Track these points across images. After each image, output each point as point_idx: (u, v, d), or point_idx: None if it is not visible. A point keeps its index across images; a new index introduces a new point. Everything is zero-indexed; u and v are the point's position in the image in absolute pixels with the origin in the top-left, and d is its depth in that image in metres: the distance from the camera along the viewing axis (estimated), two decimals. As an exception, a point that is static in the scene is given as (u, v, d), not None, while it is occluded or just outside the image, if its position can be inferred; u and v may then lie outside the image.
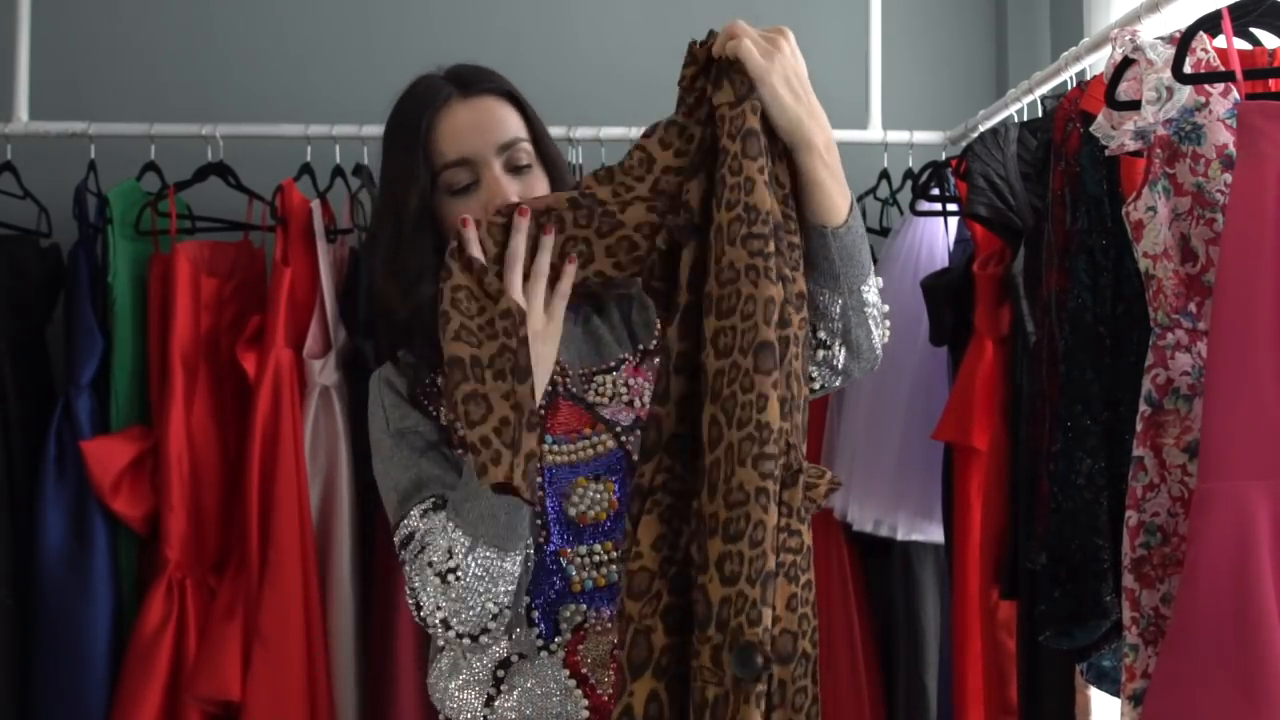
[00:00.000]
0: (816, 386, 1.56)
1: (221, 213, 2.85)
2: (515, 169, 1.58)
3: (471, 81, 1.60)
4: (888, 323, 1.60)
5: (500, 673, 1.55)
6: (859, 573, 2.90)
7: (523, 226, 1.45)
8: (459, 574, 1.45)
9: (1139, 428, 1.59)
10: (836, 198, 1.45)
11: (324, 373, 2.65)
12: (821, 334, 1.52)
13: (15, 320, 2.66)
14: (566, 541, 1.56)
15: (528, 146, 1.60)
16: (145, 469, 2.62)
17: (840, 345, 1.53)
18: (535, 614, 1.55)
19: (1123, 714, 1.59)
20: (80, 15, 3.12)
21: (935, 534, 2.71)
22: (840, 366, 1.55)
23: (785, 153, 1.42)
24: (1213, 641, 1.38)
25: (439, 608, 1.46)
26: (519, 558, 1.48)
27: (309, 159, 2.81)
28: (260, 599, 2.55)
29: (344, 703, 2.63)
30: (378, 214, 1.66)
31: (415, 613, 1.50)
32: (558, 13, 3.21)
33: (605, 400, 1.62)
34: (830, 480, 1.42)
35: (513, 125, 1.60)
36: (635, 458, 1.55)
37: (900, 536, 2.76)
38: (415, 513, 1.53)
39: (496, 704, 1.55)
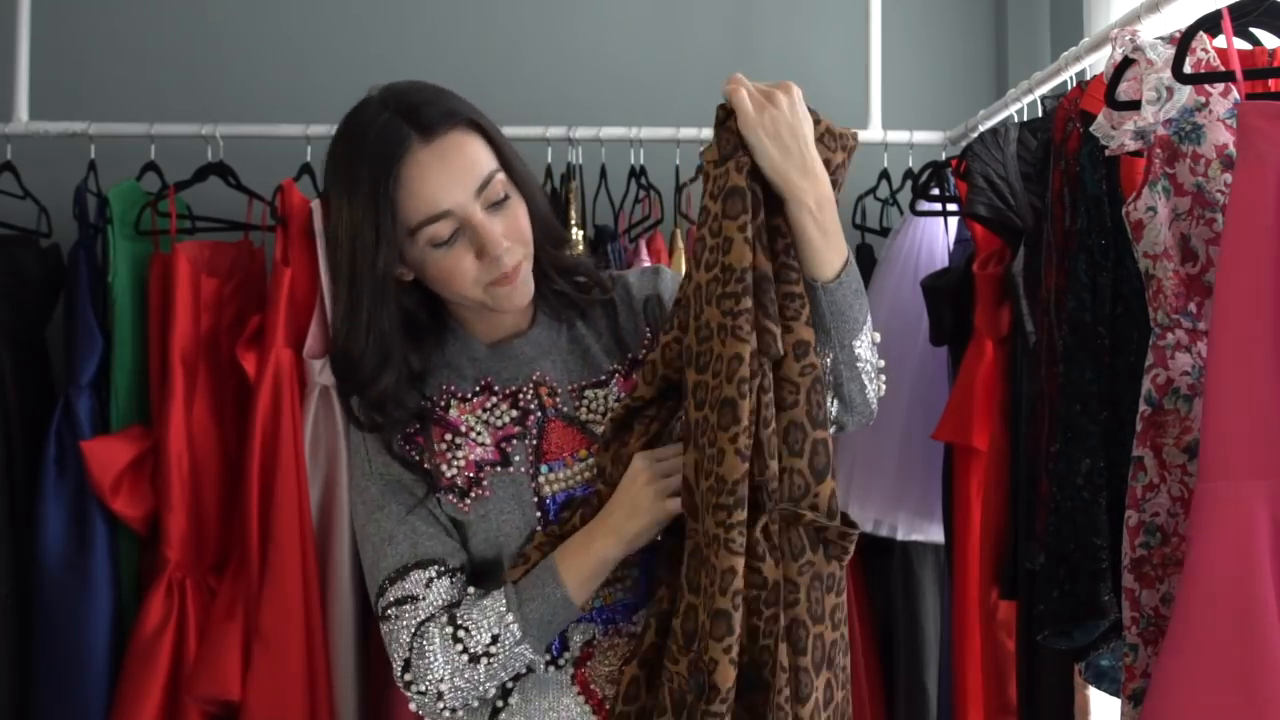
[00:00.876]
0: None
1: (221, 213, 2.85)
2: (494, 205, 1.51)
3: (430, 120, 1.49)
4: (883, 377, 1.61)
5: (509, 684, 1.55)
6: (859, 573, 2.90)
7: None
8: (492, 660, 1.48)
9: (1139, 428, 1.59)
10: (828, 253, 1.45)
11: (324, 373, 2.64)
12: None
13: (15, 320, 2.66)
14: None
15: (502, 177, 1.52)
16: (145, 469, 2.62)
17: (832, 398, 1.54)
18: None
19: (1123, 714, 1.59)
20: (80, 15, 3.12)
21: (935, 534, 2.71)
22: (832, 418, 1.55)
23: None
24: (1213, 641, 1.38)
25: (442, 680, 1.48)
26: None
27: (309, 159, 2.81)
28: (260, 599, 2.55)
29: (344, 703, 2.63)
30: (333, 261, 1.54)
31: (402, 673, 1.50)
32: (558, 13, 3.21)
33: (598, 417, 1.60)
34: (840, 524, 1.42)
35: (483, 160, 1.51)
36: None
37: (900, 536, 2.76)
38: (418, 578, 1.52)
39: (501, 718, 1.56)
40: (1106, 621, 1.71)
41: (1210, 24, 1.58)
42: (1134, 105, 1.61)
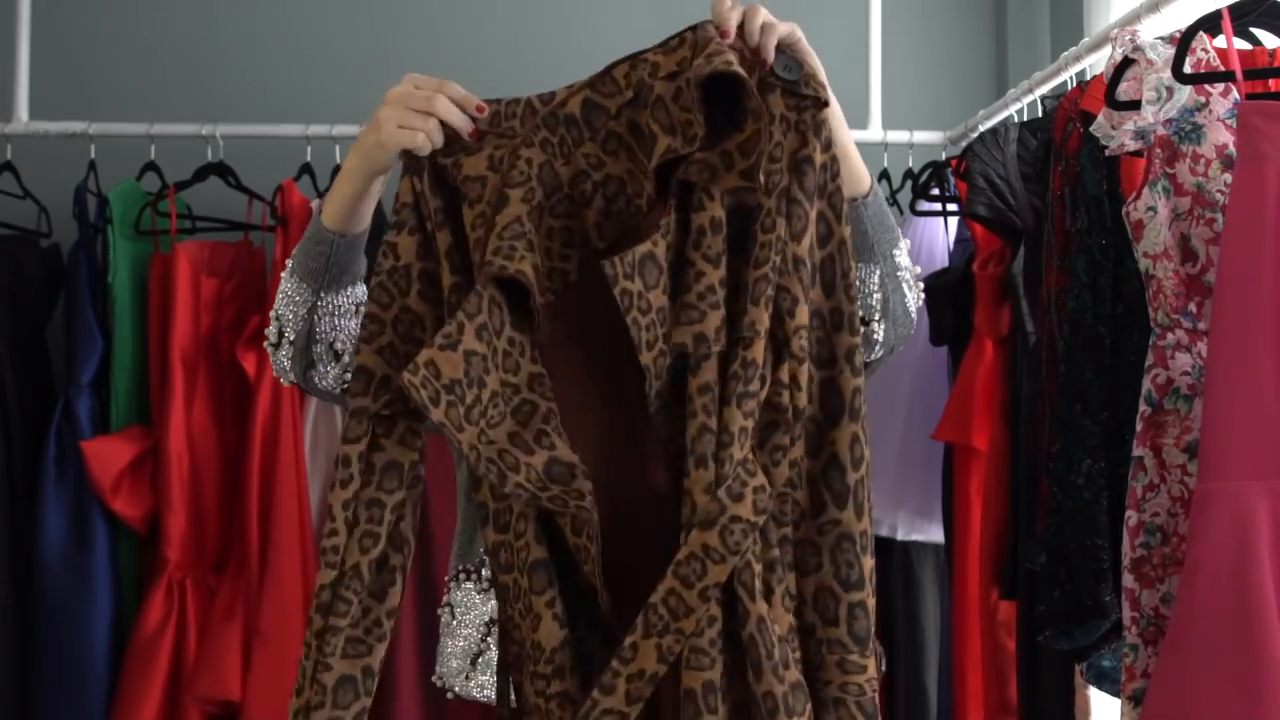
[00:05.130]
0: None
1: (221, 213, 2.85)
2: None
3: None
4: (921, 285, 1.57)
5: (490, 626, 1.60)
6: (859, 573, 2.90)
7: None
8: (280, 298, 1.49)
9: (1139, 428, 1.59)
10: (861, 166, 1.46)
11: (324, 373, 2.65)
12: (861, 312, 1.47)
13: (15, 320, 2.66)
14: None
15: None
16: (145, 469, 2.62)
17: (880, 318, 1.50)
18: None
19: (1123, 714, 1.59)
20: (80, 15, 3.12)
21: (935, 534, 2.71)
22: (881, 339, 1.51)
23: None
24: (1213, 641, 1.38)
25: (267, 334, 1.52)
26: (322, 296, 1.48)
27: (309, 159, 2.81)
28: (260, 599, 2.55)
29: (344, 703, 2.63)
30: None
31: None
32: (558, 12, 3.21)
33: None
34: None
35: None
36: None
37: (900, 536, 2.76)
38: None
39: (479, 662, 1.61)
40: (1108, 622, 1.71)
41: (1210, 24, 1.58)
42: (1134, 105, 1.61)
